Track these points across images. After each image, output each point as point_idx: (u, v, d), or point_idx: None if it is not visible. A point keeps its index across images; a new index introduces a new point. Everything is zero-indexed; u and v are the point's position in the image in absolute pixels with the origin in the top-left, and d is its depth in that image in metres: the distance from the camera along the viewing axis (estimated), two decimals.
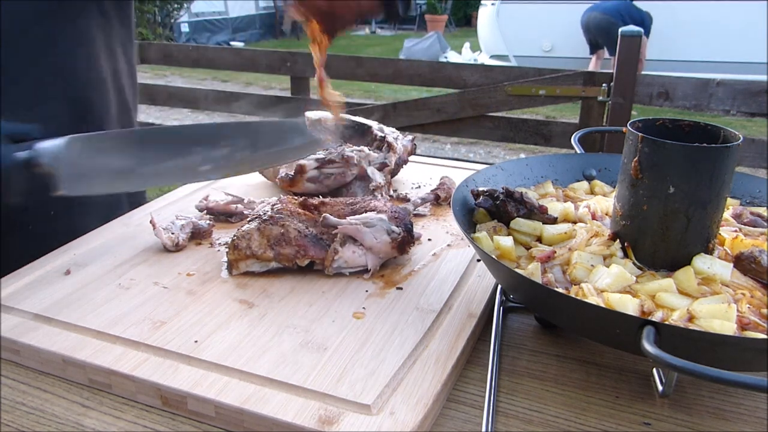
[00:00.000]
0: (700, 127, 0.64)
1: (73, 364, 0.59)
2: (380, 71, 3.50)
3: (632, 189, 0.62)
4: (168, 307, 0.67)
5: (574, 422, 0.55)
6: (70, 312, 0.65)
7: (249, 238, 0.73)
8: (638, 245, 0.63)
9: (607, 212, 0.72)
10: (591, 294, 0.57)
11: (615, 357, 0.63)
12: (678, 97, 2.95)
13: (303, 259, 0.74)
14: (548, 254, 0.64)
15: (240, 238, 0.74)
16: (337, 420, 0.51)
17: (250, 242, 0.73)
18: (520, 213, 0.70)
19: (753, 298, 0.56)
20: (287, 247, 0.73)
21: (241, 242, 0.73)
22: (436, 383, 0.55)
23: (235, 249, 0.74)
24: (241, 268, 0.74)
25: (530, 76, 3.26)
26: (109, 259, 0.78)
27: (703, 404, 0.57)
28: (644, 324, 0.47)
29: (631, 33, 2.93)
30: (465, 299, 0.69)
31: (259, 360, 0.58)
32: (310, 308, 0.67)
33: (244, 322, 0.64)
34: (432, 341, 0.62)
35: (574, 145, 0.91)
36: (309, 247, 0.74)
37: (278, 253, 0.73)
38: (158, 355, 0.59)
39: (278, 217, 0.75)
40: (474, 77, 3.37)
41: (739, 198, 0.77)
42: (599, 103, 3.12)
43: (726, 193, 0.60)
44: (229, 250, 0.74)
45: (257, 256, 0.73)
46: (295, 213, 0.77)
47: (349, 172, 0.93)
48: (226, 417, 0.53)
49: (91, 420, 0.55)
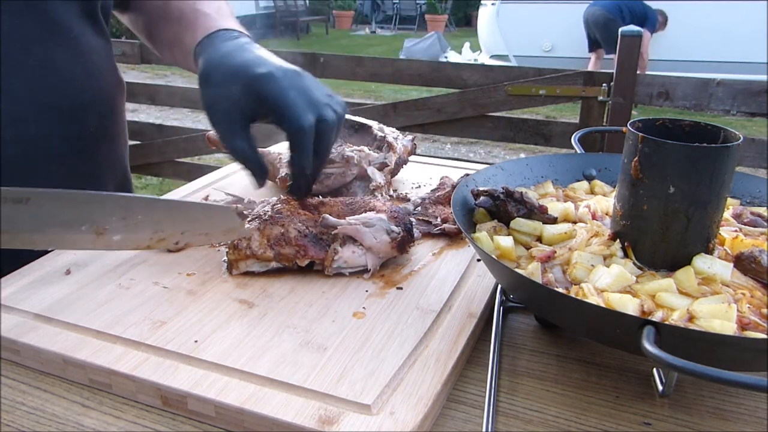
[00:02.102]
0: (700, 127, 0.64)
1: (73, 364, 0.59)
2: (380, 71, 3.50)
3: (632, 189, 0.62)
4: (168, 307, 0.67)
5: (574, 422, 0.55)
6: (70, 312, 0.65)
7: (249, 238, 0.73)
8: (638, 245, 0.63)
9: (607, 212, 0.72)
10: (591, 294, 0.57)
11: (615, 357, 0.63)
12: (678, 97, 2.95)
13: (303, 259, 0.74)
14: (548, 254, 0.64)
15: (240, 238, 0.73)
16: (337, 420, 0.51)
17: (251, 242, 0.73)
18: (520, 213, 0.70)
19: (753, 298, 0.56)
20: (287, 247, 0.73)
21: (241, 242, 0.73)
22: (436, 383, 0.55)
23: (235, 249, 0.73)
24: (241, 268, 0.74)
25: (530, 76, 3.26)
26: (109, 259, 0.78)
27: (704, 404, 0.57)
28: (644, 324, 0.47)
29: (631, 33, 2.93)
30: (465, 299, 0.69)
31: (259, 360, 0.58)
32: (310, 308, 0.67)
33: (244, 322, 0.64)
34: (432, 341, 0.62)
35: (574, 145, 0.91)
36: (309, 248, 0.74)
37: (278, 253, 0.73)
38: (158, 355, 0.59)
39: (278, 217, 0.75)
40: (474, 77, 3.36)
41: (739, 198, 0.77)
42: (599, 103, 3.12)
43: (726, 193, 0.60)
44: (229, 250, 0.74)
45: (257, 256, 0.73)
46: (295, 213, 0.77)
47: (349, 172, 0.93)
48: (226, 417, 0.53)
49: (91, 420, 0.55)
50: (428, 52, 9.82)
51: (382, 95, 7.41)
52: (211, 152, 4.20)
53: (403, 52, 10.16)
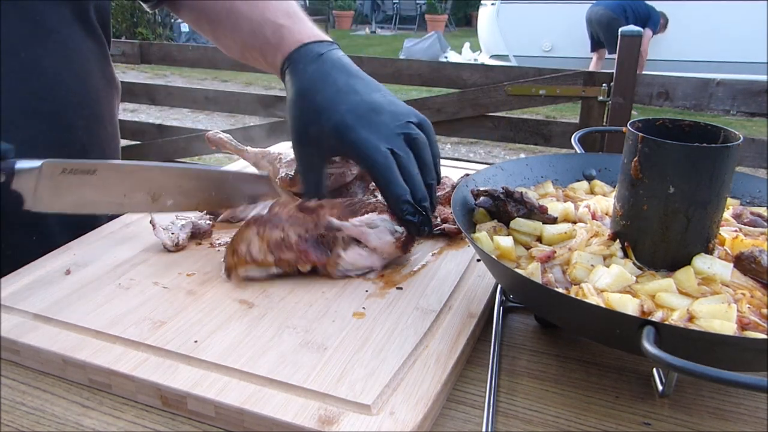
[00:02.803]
0: (700, 127, 0.64)
1: (73, 364, 0.59)
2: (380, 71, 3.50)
3: (632, 189, 0.62)
4: (168, 307, 0.67)
5: (574, 422, 0.55)
6: (70, 312, 0.65)
7: (248, 243, 0.72)
8: (638, 245, 0.63)
9: (607, 212, 0.72)
10: (591, 294, 0.57)
11: (615, 357, 0.63)
12: (678, 97, 2.95)
13: (305, 264, 0.72)
14: (548, 254, 0.64)
15: (239, 243, 0.72)
16: (337, 420, 0.51)
17: (250, 247, 0.72)
18: (520, 213, 0.70)
19: (753, 298, 0.56)
20: (287, 252, 0.72)
21: (240, 247, 0.72)
22: (436, 383, 0.55)
23: (234, 254, 0.72)
24: (240, 274, 0.73)
25: (530, 76, 3.26)
26: (109, 259, 0.78)
27: (704, 404, 0.57)
28: (644, 324, 0.47)
29: (631, 33, 2.93)
30: (465, 299, 0.69)
31: (259, 360, 0.58)
32: (310, 308, 0.67)
33: (244, 322, 0.64)
34: (432, 341, 0.62)
35: (574, 145, 0.91)
36: (310, 252, 0.72)
37: (278, 258, 0.72)
38: (158, 355, 0.59)
39: (277, 221, 0.74)
40: (474, 77, 3.37)
41: (739, 198, 0.77)
42: (599, 103, 3.12)
43: (726, 193, 0.60)
44: (227, 255, 0.73)
45: (258, 261, 0.72)
46: (294, 216, 0.75)
47: (349, 172, 0.93)
48: (226, 417, 0.53)
49: (91, 420, 0.55)
50: (428, 52, 9.82)
51: None
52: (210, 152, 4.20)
53: (403, 52, 10.17)
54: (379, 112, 0.79)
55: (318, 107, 0.79)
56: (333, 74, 0.82)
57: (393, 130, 0.77)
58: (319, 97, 0.80)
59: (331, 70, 0.82)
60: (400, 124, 0.78)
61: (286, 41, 0.86)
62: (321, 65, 0.83)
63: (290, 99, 0.82)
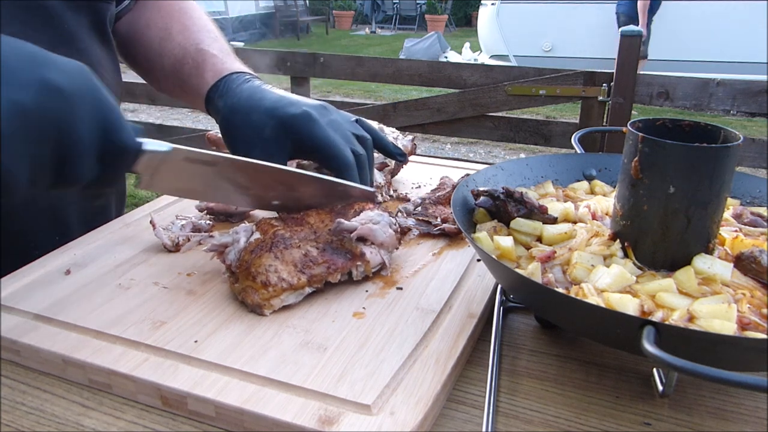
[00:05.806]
0: (700, 127, 0.64)
1: (73, 364, 0.59)
2: (380, 71, 3.50)
3: (632, 189, 0.62)
4: (168, 307, 0.67)
5: (574, 422, 0.55)
6: (70, 312, 0.65)
7: (275, 270, 0.66)
8: (638, 245, 0.63)
9: (607, 212, 0.72)
10: (591, 294, 0.57)
11: (615, 357, 0.63)
12: (678, 97, 2.96)
13: (334, 274, 0.69)
14: (548, 254, 0.64)
15: (263, 274, 0.65)
16: (337, 420, 0.51)
17: (280, 273, 0.66)
18: (520, 213, 0.70)
19: (753, 298, 0.56)
20: (316, 267, 0.68)
21: (270, 277, 0.65)
22: (436, 383, 0.55)
23: (265, 286, 0.65)
24: (275, 306, 0.65)
25: (530, 76, 3.26)
26: (109, 259, 0.78)
27: (704, 404, 0.57)
28: (644, 324, 0.47)
29: (632, 33, 2.93)
30: (465, 299, 0.69)
31: (259, 360, 0.58)
32: (310, 308, 0.67)
33: (244, 322, 0.64)
34: (432, 341, 0.62)
35: (574, 145, 0.91)
36: (335, 260, 0.69)
37: (310, 276, 0.67)
38: (158, 355, 0.59)
39: (287, 240, 0.70)
40: (474, 77, 3.37)
41: (739, 198, 0.77)
42: (599, 103, 3.13)
43: (726, 193, 0.60)
44: (249, 293, 0.65)
45: (293, 285, 0.66)
46: (292, 230, 0.73)
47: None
48: (226, 417, 0.53)
49: (91, 420, 0.55)
50: (428, 52, 9.82)
51: (382, 95, 7.41)
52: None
53: (403, 52, 10.17)
54: (331, 111, 0.83)
55: (269, 108, 0.81)
56: (268, 90, 0.85)
57: (348, 129, 0.82)
58: (268, 100, 0.82)
59: (265, 86, 0.86)
60: (351, 123, 0.84)
61: (217, 69, 0.90)
62: (253, 85, 0.86)
63: (229, 113, 0.83)
